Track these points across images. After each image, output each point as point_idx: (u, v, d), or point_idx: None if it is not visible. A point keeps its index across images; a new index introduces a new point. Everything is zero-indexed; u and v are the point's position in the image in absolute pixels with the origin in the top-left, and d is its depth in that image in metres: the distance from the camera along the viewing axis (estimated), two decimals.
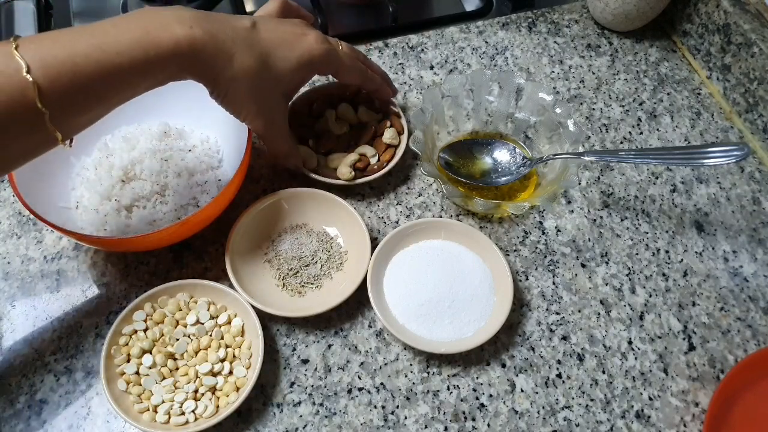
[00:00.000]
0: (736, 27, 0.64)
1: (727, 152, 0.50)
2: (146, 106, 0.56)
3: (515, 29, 0.73)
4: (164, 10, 0.42)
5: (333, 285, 0.52)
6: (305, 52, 0.49)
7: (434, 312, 0.50)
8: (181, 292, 0.50)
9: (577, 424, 0.48)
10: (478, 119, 0.62)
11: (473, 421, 0.48)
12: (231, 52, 0.44)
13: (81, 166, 0.54)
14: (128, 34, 0.39)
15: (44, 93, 0.36)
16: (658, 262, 0.57)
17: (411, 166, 0.61)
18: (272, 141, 0.52)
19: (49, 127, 0.37)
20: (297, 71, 0.49)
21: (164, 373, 0.47)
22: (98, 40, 0.38)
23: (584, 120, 0.66)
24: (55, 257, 0.54)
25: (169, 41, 0.40)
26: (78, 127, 0.41)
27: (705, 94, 0.69)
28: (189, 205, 0.53)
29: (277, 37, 0.48)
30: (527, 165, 0.58)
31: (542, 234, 0.58)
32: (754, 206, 0.61)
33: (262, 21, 0.48)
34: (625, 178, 0.62)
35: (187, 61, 0.42)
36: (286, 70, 0.48)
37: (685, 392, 0.50)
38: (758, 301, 0.55)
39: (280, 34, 0.48)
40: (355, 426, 0.47)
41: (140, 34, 0.39)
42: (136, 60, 0.39)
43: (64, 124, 0.39)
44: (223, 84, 0.45)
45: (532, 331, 0.52)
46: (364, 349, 0.50)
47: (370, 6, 0.80)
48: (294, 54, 0.48)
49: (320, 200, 0.54)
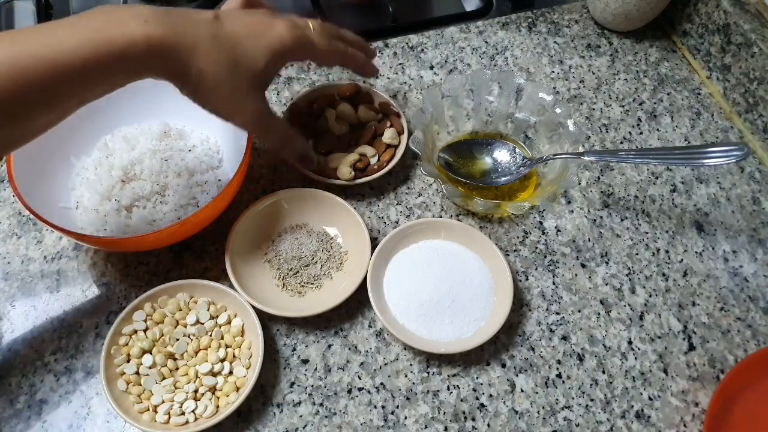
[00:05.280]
0: (736, 27, 0.64)
1: (727, 152, 0.50)
2: (146, 106, 0.56)
3: (515, 29, 0.73)
4: (120, 8, 0.40)
5: (333, 285, 0.52)
6: (275, 40, 0.46)
7: (434, 312, 0.50)
8: (181, 292, 0.50)
9: (577, 424, 0.48)
10: (478, 119, 0.62)
11: (473, 421, 0.48)
12: (193, 46, 0.42)
13: (81, 166, 0.54)
14: (80, 32, 0.37)
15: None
16: (658, 262, 0.57)
17: (411, 166, 0.61)
18: (264, 133, 0.50)
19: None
20: (269, 60, 0.46)
21: (164, 373, 0.47)
22: (49, 39, 0.37)
23: (584, 120, 0.66)
24: (55, 257, 0.54)
25: (122, 38, 0.38)
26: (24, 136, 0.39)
27: (705, 94, 0.69)
28: (189, 205, 0.53)
29: (243, 28, 0.45)
30: (527, 165, 0.58)
31: (542, 234, 0.58)
32: (754, 206, 0.61)
33: (226, 13, 0.46)
34: (625, 178, 0.62)
35: (146, 59, 0.40)
36: (257, 60, 0.46)
37: (685, 392, 0.50)
38: (758, 301, 0.55)
39: (246, 23, 0.46)
40: (355, 426, 0.47)
41: (92, 33, 0.38)
42: (88, 59, 0.37)
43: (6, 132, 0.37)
44: (190, 79, 0.43)
45: (532, 331, 0.52)
46: (364, 349, 0.50)
47: (370, 6, 0.80)
48: (263, 42, 0.46)
49: (320, 200, 0.54)
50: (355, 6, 0.80)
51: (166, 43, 0.40)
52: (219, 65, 0.43)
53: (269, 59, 0.46)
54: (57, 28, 0.38)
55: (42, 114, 0.38)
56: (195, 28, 0.42)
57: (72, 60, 0.37)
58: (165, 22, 0.40)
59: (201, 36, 0.42)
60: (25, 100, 0.36)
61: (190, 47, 0.42)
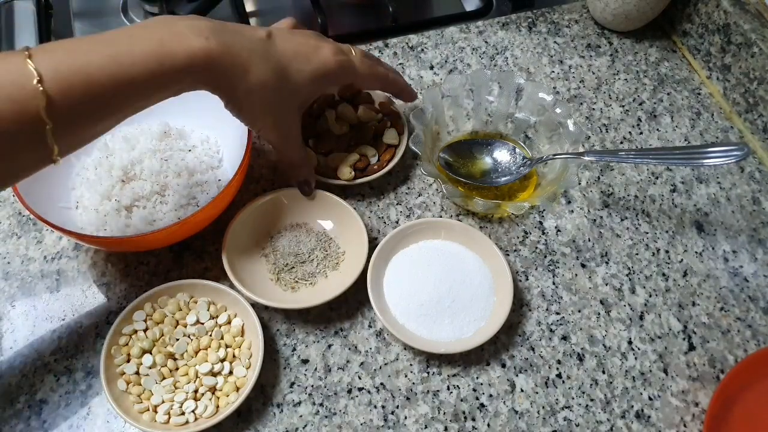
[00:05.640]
0: (736, 27, 0.64)
1: (727, 152, 0.50)
2: None
3: (515, 29, 0.73)
4: (180, 20, 0.41)
5: (327, 283, 0.52)
6: (321, 65, 0.48)
7: (434, 312, 0.50)
8: (181, 292, 0.50)
9: (577, 424, 0.48)
10: (478, 119, 0.62)
11: (473, 421, 0.48)
12: (247, 64, 0.44)
13: (81, 166, 0.54)
14: (143, 44, 0.39)
15: (55, 104, 0.35)
16: (658, 262, 0.57)
17: (411, 166, 0.61)
18: (286, 152, 0.52)
19: (49, 141, 0.36)
20: (312, 84, 0.49)
21: (164, 373, 0.47)
22: (112, 50, 0.38)
23: (584, 120, 0.66)
24: (55, 257, 0.54)
25: (184, 53, 0.40)
26: (81, 141, 0.40)
27: (705, 94, 0.69)
28: (189, 205, 0.53)
29: (292, 49, 0.47)
30: (527, 165, 0.58)
31: (542, 234, 0.58)
32: (754, 206, 0.61)
33: (278, 32, 0.47)
34: (625, 178, 0.62)
35: (202, 73, 0.41)
36: (301, 83, 0.48)
37: (685, 392, 0.50)
38: (758, 301, 0.55)
39: (295, 45, 0.48)
40: (355, 426, 0.47)
41: (155, 46, 0.39)
42: (151, 72, 0.39)
43: (68, 138, 0.38)
44: (239, 97, 0.45)
45: (532, 331, 0.52)
46: (364, 349, 0.50)
47: (370, 6, 0.80)
48: (310, 67, 0.48)
49: (319, 199, 0.54)
50: (355, 6, 0.80)
51: (223, 61, 0.42)
52: (267, 87, 0.45)
53: (313, 84, 0.49)
54: (118, 40, 0.39)
55: (101, 122, 0.40)
56: (250, 45, 0.44)
57: (137, 73, 0.38)
58: (222, 39, 0.42)
59: (254, 56, 0.44)
60: (89, 109, 0.38)
61: (244, 66, 0.44)
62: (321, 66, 0.48)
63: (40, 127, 0.35)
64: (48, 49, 0.37)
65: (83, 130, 0.39)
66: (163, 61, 0.39)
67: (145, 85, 0.39)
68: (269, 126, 0.48)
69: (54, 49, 0.37)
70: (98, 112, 0.39)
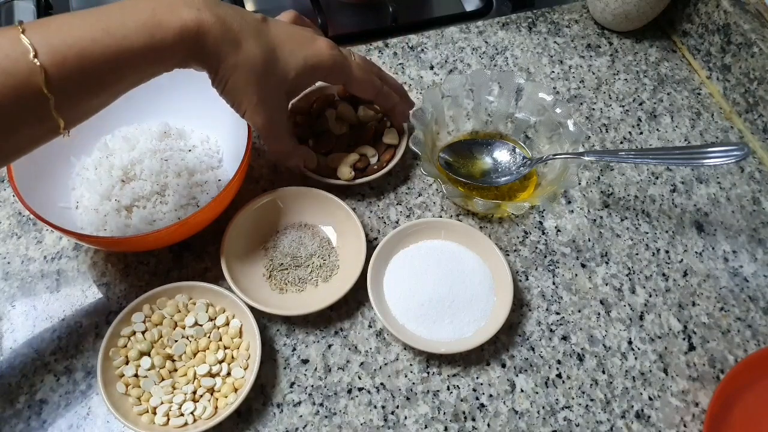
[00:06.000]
0: (736, 27, 0.64)
1: (727, 152, 0.50)
2: (146, 106, 0.56)
3: (515, 29, 0.73)
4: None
5: (315, 292, 0.52)
6: (314, 55, 0.48)
7: (434, 312, 0.50)
8: (179, 294, 0.49)
9: (577, 424, 0.48)
10: (478, 119, 0.62)
11: (473, 421, 0.48)
12: (238, 38, 0.43)
13: (81, 166, 0.54)
14: (135, 16, 0.39)
15: (51, 78, 0.35)
16: (658, 262, 0.57)
17: (411, 166, 0.61)
18: (272, 139, 0.51)
19: (53, 114, 0.37)
20: (303, 71, 0.48)
21: (163, 375, 0.47)
22: (104, 23, 0.38)
23: (584, 120, 0.66)
24: (55, 257, 0.54)
25: (176, 24, 0.39)
26: (82, 115, 0.40)
27: (705, 94, 0.69)
28: (189, 205, 0.53)
29: (286, 33, 0.47)
30: (527, 165, 0.58)
31: (542, 234, 0.58)
32: (754, 206, 0.61)
33: (274, 20, 0.47)
34: (625, 178, 0.62)
35: (193, 45, 0.41)
36: (292, 66, 0.47)
37: (685, 392, 0.50)
38: (758, 301, 0.55)
39: (290, 33, 0.47)
40: (355, 426, 0.47)
41: (147, 17, 0.39)
42: (144, 43, 0.38)
43: (69, 112, 0.38)
44: (225, 71, 0.44)
45: (532, 331, 0.52)
46: (364, 349, 0.50)
47: (370, 6, 0.80)
48: (302, 52, 0.47)
49: (319, 200, 0.54)
50: (355, 6, 0.80)
51: (213, 33, 0.41)
52: (255, 63, 0.44)
53: (303, 69, 0.48)
54: (110, 12, 0.39)
55: (97, 96, 0.40)
56: (242, 23, 0.44)
57: (130, 44, 0.38)
58: (215, 11, 0.42)
59: (246, 32, 0.44)
60: (84, 82, 0.38)
61: (234, 39, 0.43)
62: (314, 55, 0.48)
63: (44, 100, 0.36)
64: (42, 24, 0.37)
65: (82, 103, 0.39)
66: (154, 32, 0.39)
67: (138, 58, 0.39)
68: (253, 106, 0.47)
69: (48, 23, 0.37)
70: (94, 85, 0.39)
